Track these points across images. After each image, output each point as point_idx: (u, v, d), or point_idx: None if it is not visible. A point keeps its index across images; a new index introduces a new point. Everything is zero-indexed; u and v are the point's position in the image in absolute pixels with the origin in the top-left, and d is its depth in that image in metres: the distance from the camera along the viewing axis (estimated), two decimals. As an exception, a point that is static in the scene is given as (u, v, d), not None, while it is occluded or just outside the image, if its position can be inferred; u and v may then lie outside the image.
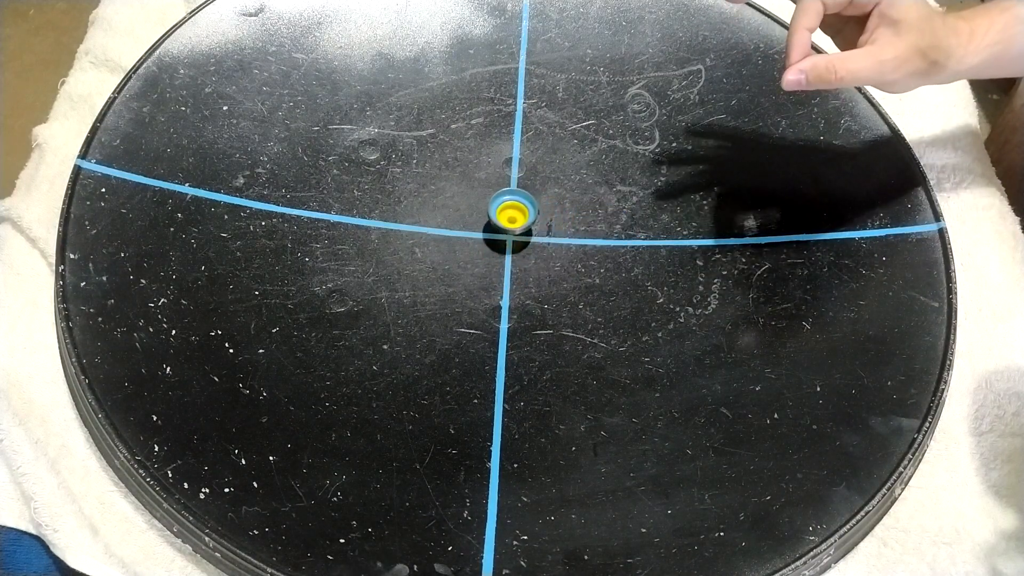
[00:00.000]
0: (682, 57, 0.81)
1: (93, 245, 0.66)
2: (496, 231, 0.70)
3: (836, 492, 0.60)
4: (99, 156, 0.70)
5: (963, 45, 0.64)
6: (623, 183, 0.75)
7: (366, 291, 0.67)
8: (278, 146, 0.73)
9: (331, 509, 0.58)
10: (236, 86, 0.76)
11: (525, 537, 0.58)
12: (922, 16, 0.62)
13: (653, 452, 0.62)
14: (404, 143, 0.75)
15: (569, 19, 0.83)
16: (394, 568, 0.56)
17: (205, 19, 0.79)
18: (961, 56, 0.64)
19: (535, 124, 0.77)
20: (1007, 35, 0.64)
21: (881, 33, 0.62)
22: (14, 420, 0.62)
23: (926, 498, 0.63)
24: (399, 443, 0.61)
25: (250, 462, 0.59)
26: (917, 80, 0.64)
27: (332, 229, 0.70)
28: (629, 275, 0.70)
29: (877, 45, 0.62)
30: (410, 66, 0.79)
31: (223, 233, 0.68)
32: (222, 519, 0.56)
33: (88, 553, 0.58)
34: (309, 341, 0.64)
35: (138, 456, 0.58)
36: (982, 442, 0.65)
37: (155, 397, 0.60)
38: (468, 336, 0.66)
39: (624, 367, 0.65)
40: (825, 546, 0.58)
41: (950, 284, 0.69)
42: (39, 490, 0.59)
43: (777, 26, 0.83)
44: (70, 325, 0.62)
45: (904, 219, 0.72)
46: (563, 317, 0.67)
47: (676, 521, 0.59)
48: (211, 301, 0.65)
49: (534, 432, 0.62)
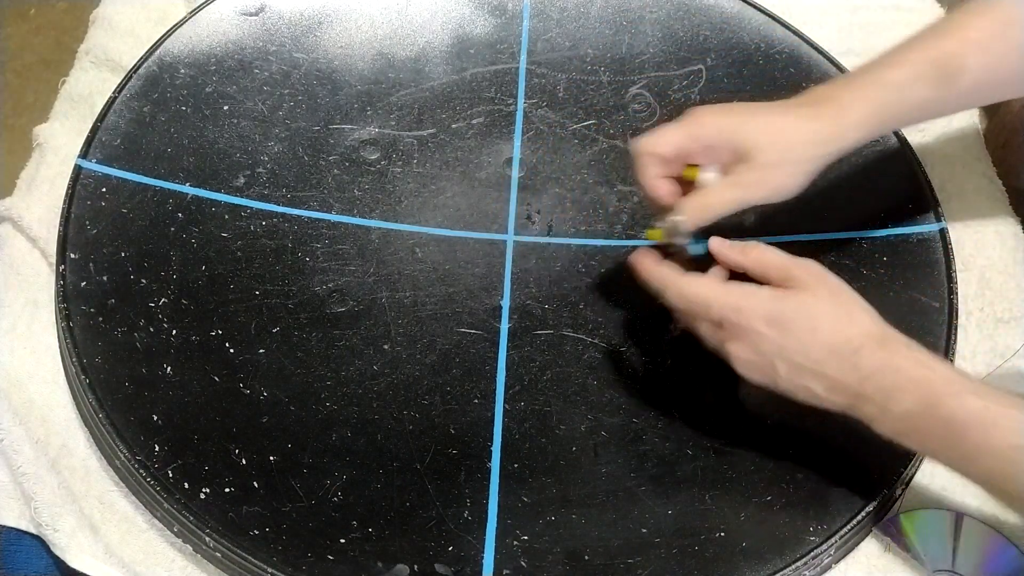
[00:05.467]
0: (683, 57, 0.81)
1: (93, 245, 0.66)
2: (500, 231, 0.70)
3: (836, 492, 0.60)
4: (100, 156, 0.70)
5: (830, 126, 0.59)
6: (624, 183, 0.74)
7: (367, 291, 0.67)
8: (279, 146, 0.73)
9: (331, 509, 0.58)
10: (237, 86, 0.76)
11: (526, 537, 0.58)
12: (766, 131, 0.58)
13: (654, 452, 0.62)
14: (405, 143, 0.75)
15: (570, 19, 0.83)
16: (394, 568, 0.56)
17: (206, 19, 0.79)
18: (837, 133, 0.59)
19: (536, 124, 0.77)
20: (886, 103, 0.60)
21: (737, 165, 0.58)
22: (14, 420, 0.62)
23: (927, 498, 0.63)
24: (399, 443, 0.61)
25: (250, 462, 0.59)
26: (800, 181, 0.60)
27: (333, 229, 0.70)
28: (630, 275, 0.70)
29: (735, 175, 0.58)
30: (411, 66, 0.79)
31: (224, 233, 0.68)
32: (222, 519, 0.56)
33: (88, 553, 0.58)
34: (309, 341, 0.64)
35: (138, 456, 0.58)
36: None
37: (155, 397, 0.60)
38: (469, 336, 0.66)
39: (625, 367, 0.65)
40: (826, 546, 0.58)
41: (951, 285, 0.69)
42: (39, 490, 0.59)
43: (778, 26, 0.83)
44: (71, 325, 0.62)
45: (905, 219, 0.72)
46: (564, 317, 0.67)
47: (677, 521, 0.59)
48: (211, 301, 0.65)
49: (535, 432, 0.62)
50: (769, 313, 0.54)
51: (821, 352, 0.53)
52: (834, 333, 0.53)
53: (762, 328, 0.54)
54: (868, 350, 0.53)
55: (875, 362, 0.53)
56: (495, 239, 0.71)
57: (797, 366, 0.54)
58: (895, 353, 0.53)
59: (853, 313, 0.55)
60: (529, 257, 0.70)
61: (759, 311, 0.54)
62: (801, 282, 0.55)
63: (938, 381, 0.52)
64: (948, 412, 0.51)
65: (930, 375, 0.52)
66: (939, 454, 0.53)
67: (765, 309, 0.54)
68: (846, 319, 0.54)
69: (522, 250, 0.71)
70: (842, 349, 0.53)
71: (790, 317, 0.54)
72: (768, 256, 0.57)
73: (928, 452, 0.55)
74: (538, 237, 0.71)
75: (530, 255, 0.70)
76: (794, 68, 0.81)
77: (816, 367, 0.53)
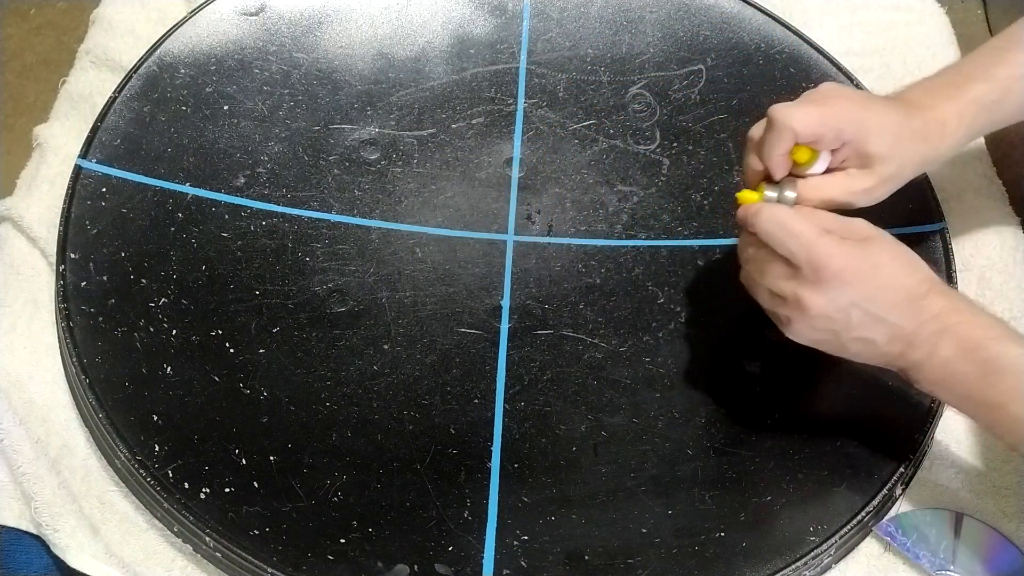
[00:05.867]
0: (683, 57, 0.81)
1: (94, 245, 0.66)
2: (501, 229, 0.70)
3: (836, 492, 0.60)
4: (100, 156, 0.70)
5: (934, 146, 0.59)
6: (624, 183, 0.74)
7: (367, 291, 0.67)
8: (279, 146, 0.73)
9: (331, 509, 0.58)
10: (237, 86, 0.76)
11: (526, 537, 0.58)
12: (892, 144, 0.57)
13: (654, 452, 0.62)
14: (405, 143, 0.75)
15: (570, 19, 0.83)
16: (394, 568, 0.56)
17: (206, 19, 0.79)
18: (936, 154, 0.60)
19: (536, 124, 0.77)
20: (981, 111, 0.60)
21: (852, 164, 0.58)
22: (14, 420, 0.62)
23: (927, 498, 0.63)
24: (400, 443, 0.61)
25: (250, 462, 0.59)
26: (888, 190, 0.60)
27: (333, 229, 0.70)
28: (630, 275, 0.70)
29: (849, 175, 0.58)
30: (411, 66, 0.79)
31: (224, 233, 0.68)
32: (222, 519, 0.56)
33: (88, 553, 0.58)
34: (310, 341, 0.64)
35: (139, 456, 0.58)
36: (982, 442, 0.65)
37: (156, 397, 0.60)
38: (469, 336, 0.66)
39: (625, 367, 0.65)
40: (826, 546, 0.58)
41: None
42: (39, 490, 0.59)
43: (778, 26, 0.83)
44: (71, 325, 0.62)
45: (905, 219, 0.72)
46: (564, 317, 0.67)
47: (677, 521, 0.59)
48: (212, 301, 0.65)
49: (535, 432, 0.62)
50: (852, 264, 0.54)
51: (896, 297, 0.54)
52: (905, 279, 0.55)
53: (847, 278, 0.54)
54: (933, 295, 0.54)
55: (936, 307, 0.54)
56: (495, 239, 0.71)
57: (871, 315, 0.54)
58: (953, 298, 0.55)
59: (914, 261, 0.56)
60: (529, 257, 0.70)
61: (848, 262, 0.54)
62: (865, 232, 0.56)
63: (981, 325, 0.54)
64: (988, 356, 0.53)
65: (973, 319, 0.54)
66: (970, 399, 0.54)
67: (851, 259, 0.54)
68: (911, 266, 0.55)
69: (522, 250, 0.71)
70: (913, 294, 0.54)
71: (871, 265, 0.54)
72: (824, 213, 0.57)
73: (960, 399, 0.55)
74: (538, 237, 0.71)
75: (530, 255, 0.70)
76: (794, 68, 0.81)
77: (888, 314, 0.54)
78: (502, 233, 0.71)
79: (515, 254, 0.70)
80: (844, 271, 0.53)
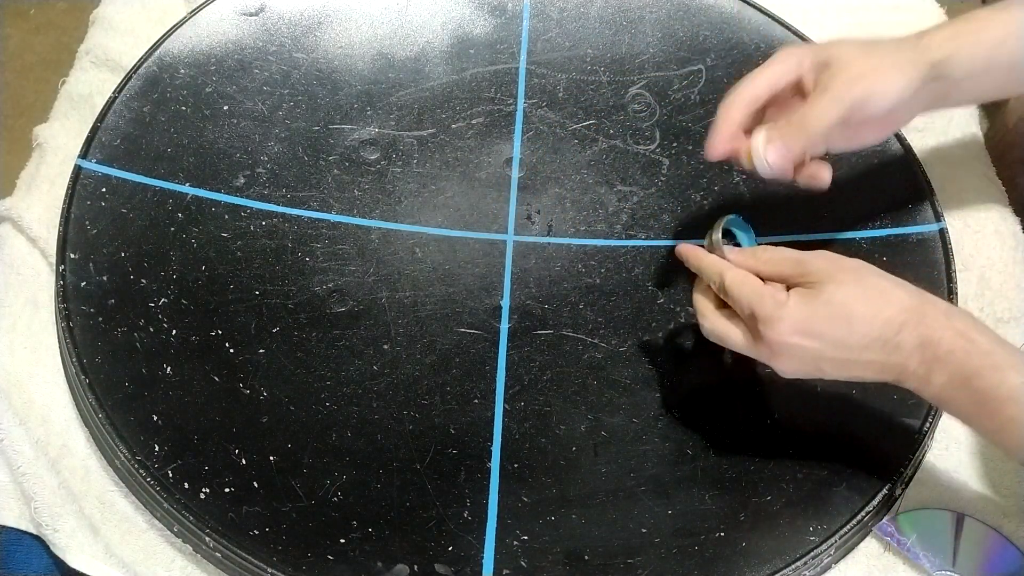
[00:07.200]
0: (683, 57, 0.81)
1: (93, 245, 0.66)
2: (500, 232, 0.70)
3: (836, 492, 0.60)
4: (100, 156, 0.70)
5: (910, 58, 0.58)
6: (624, 183, 0.75)
7: (366, 291, 0.67)
8: (278, 146, 0.73)
9: (331, 509, 0.58)
10: (236, 86, 0.76)
11: (525, 537, 0.58)
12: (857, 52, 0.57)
13: (653, 452, 0.62)
14: (404, 143, 0.75)
15: (570, 19, 0.83)
16: (394, 568, 0.56)
17: (205, 19, 0.79)
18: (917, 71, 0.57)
19: (536, 124, 0.77)
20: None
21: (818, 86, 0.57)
22: (14, 420, 0.62)
23: (927, 498, 0.63)
24: (399, 443, 0.61)
25: (250, 462, 0.59)
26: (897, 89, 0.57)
27: (332, 229, 0.70)
28: (630, 275, 0.70)
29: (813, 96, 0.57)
30: (410, 66, 0.79)
31: (223, 233, 0.68)
32: (222, 519, 0.56)
33: (88, 553, 0.58)
34: (309, 341, 0.64)
35: (138, 456, 0.58)
36: (982, 442, 0.65)
37: (155, 397, 0.60)
38: (468, 336, 0.66)
39: (625, 367, 0.65)
40: (825, 546, 0.58)
41: (951, 285, 0.69)
42: (39, 490, 0.59)
43: (778, 26, 0.83)
44: (70, 325, 0.62)
45: (905, 219, 0.72)
46: (563, 317, 0.67)
47: (676, 521, 0.59)
48: (211, 301, 0.65)
49: (534, 432, 0.62)
50: (800, 324, 0.52)
51: (863, 342, 0.52)
52: (872, 319, 0.52)
53: (797, 340, 0.52)
54: (910, 327, 0.52)
55: (916, 338, 0.51)
56: (495, 239, 0.71)
57: (842, 361, 0.53)
58: (935, 325, 0.51)
59: (885, 291, 0.53)
60: (529, 257, 0.70)
61: (789, 324, 0.52)
62: (822, 275, 0.53)
63: (976, 353, 0.51)
64: (984, 386, 0.50)
65: (968, 347, 0.51)
66: (974, 423, 0.53)
67: (794, 320, 0.52)
68: (880, 300, 0.52)
69: (522, 250, 0.71)
70: (884, 333, 0.52)
71: (822, 318, 0.52)
72: (779, 255, 0.56)
73: (965, 421, 0.54)
74: (538, 237, 0.71)
75: (530, 255, 0.70)
76: (794, 68, 0.81)
77: (861, 357, 0.52)
78: (502, 233, 0.71)
79: (515, 254, 0.70)
80: (793, 336, 0.52)
